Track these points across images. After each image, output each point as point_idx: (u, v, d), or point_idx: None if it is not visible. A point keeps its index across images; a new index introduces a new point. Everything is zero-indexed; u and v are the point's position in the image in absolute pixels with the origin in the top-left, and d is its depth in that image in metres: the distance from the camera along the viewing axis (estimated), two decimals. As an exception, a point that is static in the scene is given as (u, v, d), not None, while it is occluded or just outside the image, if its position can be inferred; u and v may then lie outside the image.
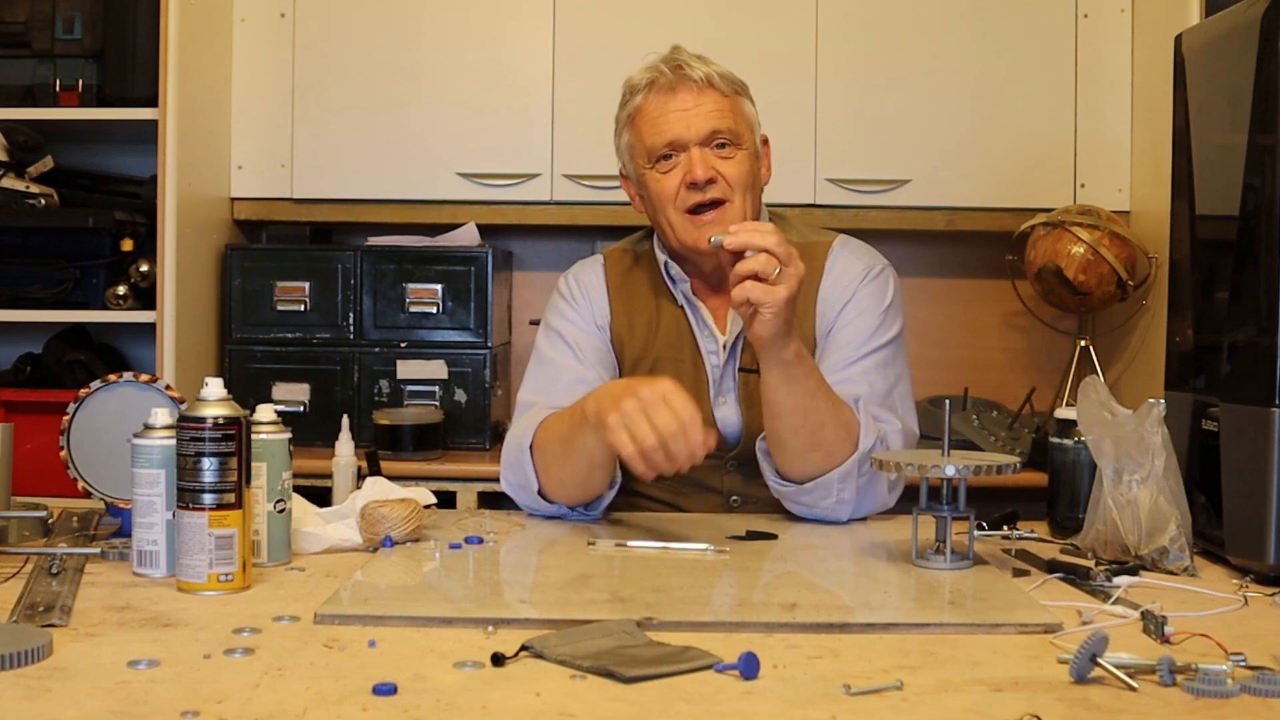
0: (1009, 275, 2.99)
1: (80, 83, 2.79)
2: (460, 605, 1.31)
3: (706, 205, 1.82)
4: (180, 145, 2.71)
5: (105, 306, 2.80)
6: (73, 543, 1.58)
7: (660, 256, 1.92)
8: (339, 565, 1.49)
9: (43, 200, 2.81)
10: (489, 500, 2.61)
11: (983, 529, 1.69)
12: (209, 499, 1.34)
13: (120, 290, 2.79)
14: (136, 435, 1.43)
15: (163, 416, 1.43)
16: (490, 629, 1.20)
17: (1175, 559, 1.47)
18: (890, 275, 1.92)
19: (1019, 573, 1.46)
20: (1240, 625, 1.26)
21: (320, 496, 1.83)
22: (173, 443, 1.38)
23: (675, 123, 1.82)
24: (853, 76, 2.98)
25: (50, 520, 1.66)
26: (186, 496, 1.34)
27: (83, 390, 1.64)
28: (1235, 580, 1.45)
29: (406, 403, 2.87)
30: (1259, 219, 1.49)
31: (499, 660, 1.09)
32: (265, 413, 1.49)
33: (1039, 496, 1.76)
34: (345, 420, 1.99)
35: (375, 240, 2.98)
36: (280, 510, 1.48)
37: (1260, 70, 1.50)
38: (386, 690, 1.01)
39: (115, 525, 1.68)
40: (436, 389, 2.88)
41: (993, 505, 1.76)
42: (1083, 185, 2.97)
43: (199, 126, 2.84)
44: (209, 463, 1.34)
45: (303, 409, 2.86)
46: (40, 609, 1.26)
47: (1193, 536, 1.50)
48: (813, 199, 2.97)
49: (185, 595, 1.33)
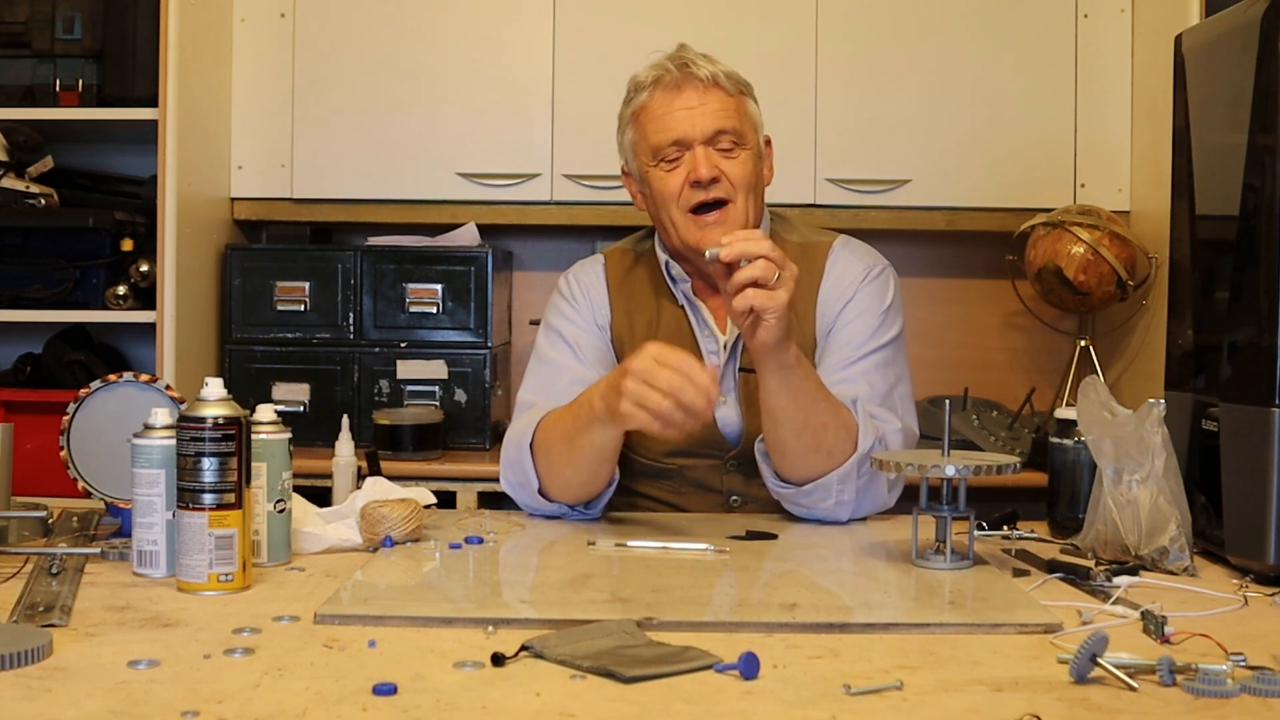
0: (1009, 275, 2.99)
1: (80, 83, 2.79)
2: (460, 605, 1.31)
3: (709, 204, 1.82)
4: (180, 145, 2.71)
5: (105, 306, 2.80)
6: (73, 543, 1.58)
7: (661, 256, 1.92)
8: (339, 565, 1.49)
9: (43, 200, 2.81)
10: (489, 500, 2.61)
11: (983, 529, 1.69)
12: (209, 499, 1.34)
13: (120, 290, 2.79)
14: (136, 435, 1.43)
15: (163, 416, 1.43)
16: (490, 629, 1.20)
17: (1175, 559, 1.47)
18: (890, 275, 1.92)
19: (1019, 573, 1.46)
20: (1240, 625, 1.26)
21: (320, 496, 1.82)
22: (173, 443, 1.38)
23: (680, 121, 1.82)
24: (853, 76, 2.98)
25: (50, 520, 1.66)
26: (186, 496, 1.34)
27: (83, 390, 1.63)
28: (1235, 580, 1.45)
29: (406, 403, 2.87)
30: (1259, 219, 1.49)
31: (499, 660, 1.09)
32: (265, 413, 1.49)
33: (1039, 496, 1.76)
34: (345, 420, 1.99)
35: (375, 240, 2.97)
36: (280, 510, 1.48)
37: (1260, 70, 1.50)
38: (386, 690, 1.01)
39: (115, 525, 1.68)
40: (436, 389, 2.87)
41: (993, 505, 1.76)
42: (1083, 185, 2.97)
43: (199, 126, 2.84)
44: (209, 463, 1.34)
45: (303, 409, 2.86)
46: (40, 609, 1.26)
47: (1193, 536, 1.50)
48: (813, 199, 2.97)
49: (185, 595, 1.33)
